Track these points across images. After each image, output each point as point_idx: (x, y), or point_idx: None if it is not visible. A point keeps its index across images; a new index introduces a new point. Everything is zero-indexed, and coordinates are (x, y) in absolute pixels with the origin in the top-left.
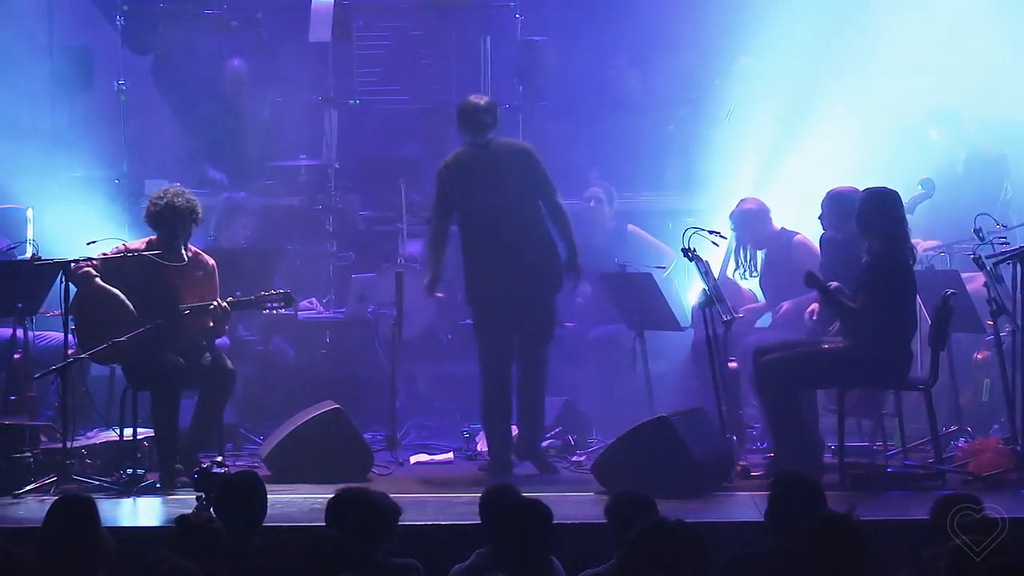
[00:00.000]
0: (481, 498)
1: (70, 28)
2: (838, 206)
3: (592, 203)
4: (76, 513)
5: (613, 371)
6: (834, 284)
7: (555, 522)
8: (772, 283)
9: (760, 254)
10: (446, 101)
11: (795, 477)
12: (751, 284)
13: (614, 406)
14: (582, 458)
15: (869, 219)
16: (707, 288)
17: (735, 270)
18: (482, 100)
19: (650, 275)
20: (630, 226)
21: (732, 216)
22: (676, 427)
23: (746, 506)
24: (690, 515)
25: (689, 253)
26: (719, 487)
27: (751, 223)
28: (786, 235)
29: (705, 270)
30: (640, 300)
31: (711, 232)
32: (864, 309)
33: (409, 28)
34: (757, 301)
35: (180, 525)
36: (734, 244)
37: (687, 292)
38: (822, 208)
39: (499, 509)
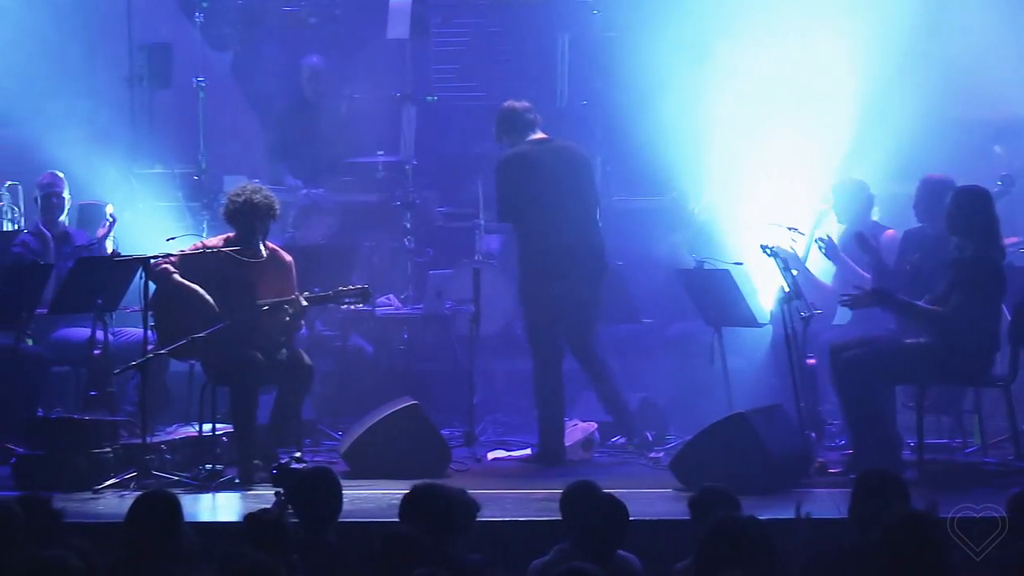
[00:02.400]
0: (562, 494)
1: (149, 25)
2: (935, 196)
3: (674, 197)
4: (160, 510)
5: (691, 368)
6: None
7: (633, 519)
8: (855, 276)
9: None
10: (523, 97)
11: (880, 474)
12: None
13: (692, 403)
14: (660, 455)
15: (961, 219)
16: (786, 284)
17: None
18: (523, 103)
19: (728, 271)
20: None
21: (836, 187)
22: (754, 424)
23: (825, 503)
24: (768, 512)
25: (768, 249)
26: (797, 484)
27: (855, 198)
28: (878, 228)
29: (784, 266)
30: (718, 296)
31: (789, 228)
32: (956, 310)
33: (486, 24)
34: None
35: (248, 523)
36: (812, 237)
37: (765, 288)
38: (916, 196)
39: (580, 505)
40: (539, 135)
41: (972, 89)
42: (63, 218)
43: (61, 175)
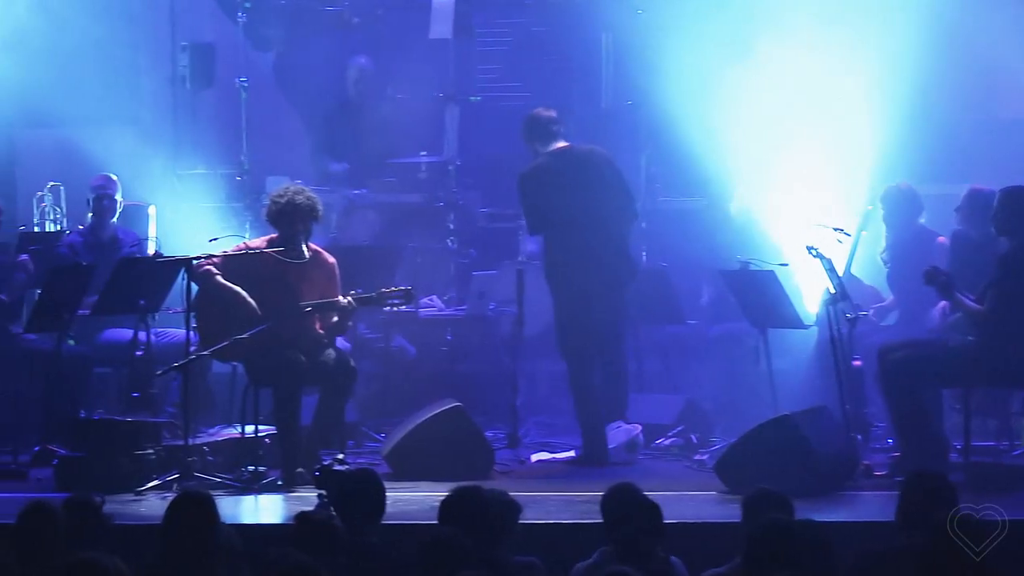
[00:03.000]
0: (603, 496)
1: (192, 26)
2: (979, 203)
3: (719, 200)
4: (196, 510)
5: (736, 369)
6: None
7: (677, 521)
8: (901, 280)
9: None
10: (567, 98)
11: (927, 476)
12: (876, 281)
13: (736, 404)
14: (704, 457)
15: (1008, 218)
16: (831, 286)
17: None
18: (551, 112)
19: (773, 272)
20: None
21: (887, 194)
22: (800, 426)
23: (871, 505)
24: (814, 514)
25: (813, 250)
26: (843, 486)
27: (907, 207)
28: (928, 233)
29: (829, 267)
30: (763, 297)
31: (835, 229)
32: (996, 309)
33: (530, 24)
34: (881, 298)
35: (299, 522)
36: (858, 239)
37: (810, 290)
38: (962, 202)
39: (619, 507)
40: (560, 144)
41: (1014, 89)
42: (113, 220)
43: (114, 177)
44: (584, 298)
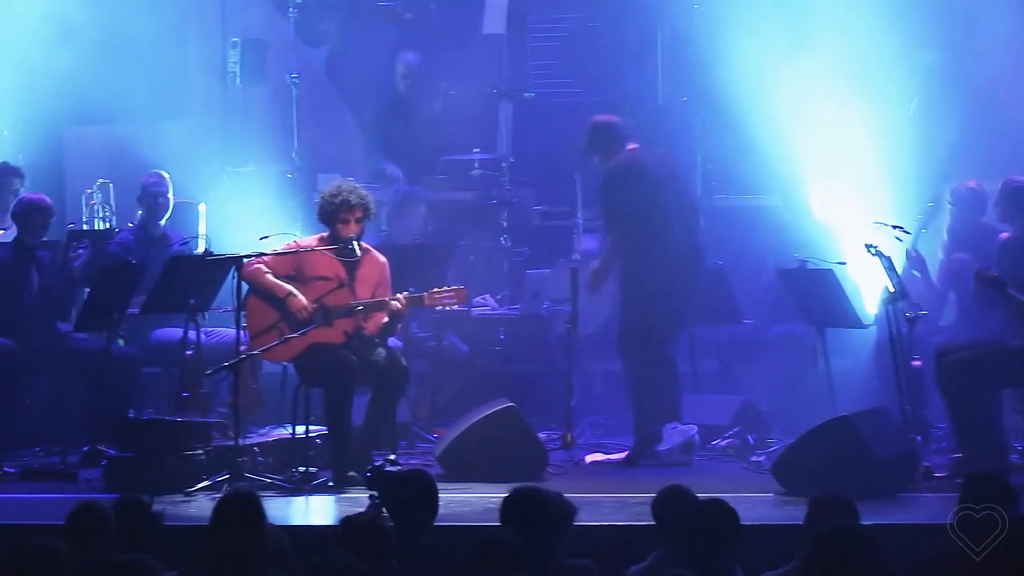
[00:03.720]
0: (654, 499)
1: (243, 22)
2: (1015, 198)
3: (776, 197)
4: (241, 510)
5: (793, 369)
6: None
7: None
8: (962, 277)
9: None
10: (622, 94)
11: (987, 478)
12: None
13: (794, 405)
14: (761, 458)
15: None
16: (891, 284)
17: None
18: (614, 117)
19: (831, 271)
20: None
21: (955, 192)
22: (858, 427)
23: (931, 508)
24: (873, 517)
25: (872, 248)
26: (903, 488)
27: (974, 205)
28: (991, 231)
29: (889, 265)
30: (821, 296)
31: (895, 227)
32: None
33: (585, 19)
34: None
35: (346, 526)
36: (918, 235)
37: (869, 289)
38: (997, 197)
39: (672, 510)
40: (633, 145)
41: None
42: (163, 220)
43: (166, 175)
44: (661, 297)
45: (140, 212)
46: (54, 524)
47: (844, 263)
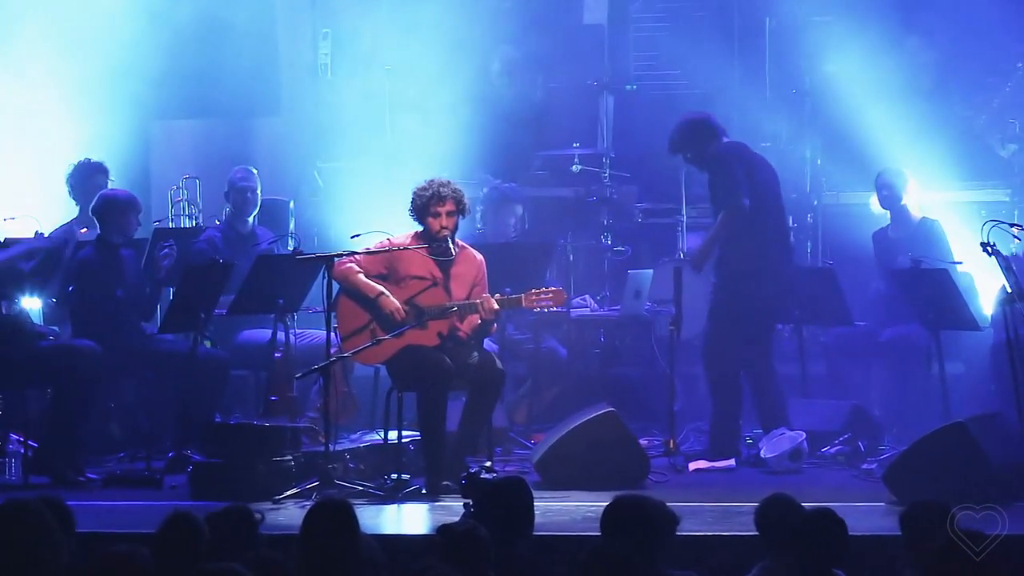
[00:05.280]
0: (758, 508)
1: (334, 10)
2: None
3: (885, 192)
4: (333, 519)
5: (906, 373)
6: None
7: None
8: None
9: None
10: (727, 85)
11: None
12: None
13: (907, 411)
14: (872, 466)
15: None
16: (1008, 285)
17: None
18: (705, 112)
19: (946, 271)
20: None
21: None
22: (974, 433)
23: None
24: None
25: (989, 248)
26: (1021, 497)
27: None
28: None
29: (1006, 266)
30: (935, 298)
31: (1012, 225)
32: None
33: (689, 8)
34: None
35: (443, 535)
36: None
37: (985, 290)
38: None
39: (777, 520)
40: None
41: None
42: (252, 216)
43: (254, 171)
44: (762, 294)
45: (227, 209)
46: (139, 532)
47: (960, 263)
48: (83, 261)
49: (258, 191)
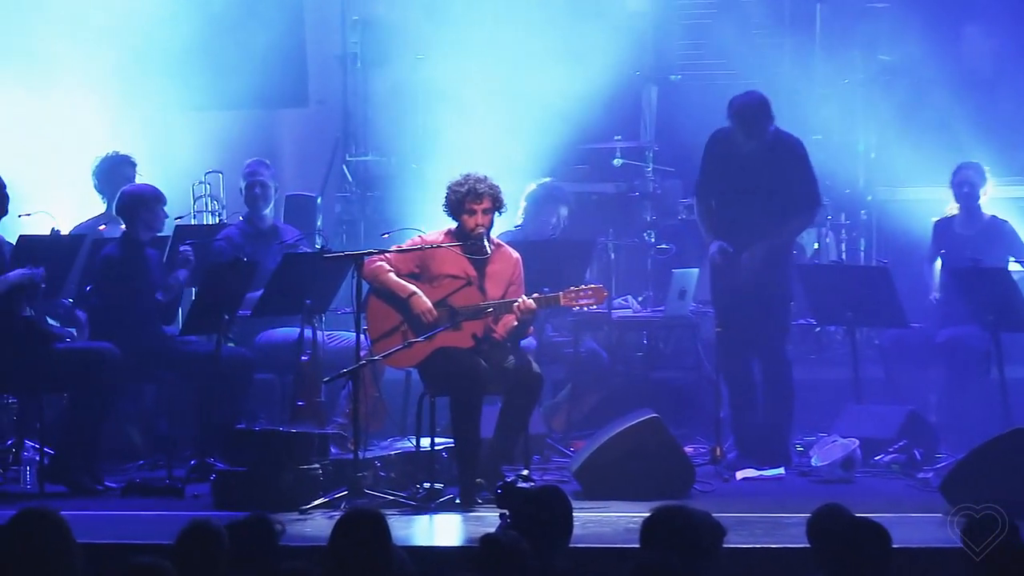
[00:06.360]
0: (809, 519)
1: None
2: None
3: (966, 189)
4: (364, 530)
5: (964, 377)
6: None
7: (899, 546)
8: None
9: None
10: (776, 75)
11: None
12: None
13: (965, 417)
14: (929, 475)
15: None
16: None
17: None
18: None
19: (1006, 270)
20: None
21: None
22: None
23: None
24: None
25: None
26: None
27: None
28: None
29: None
30: (995, 298)
31: None
32: None
33: None
34: None
35: (485, 545)
36: None
37: None
38: None
39: (827, 531)
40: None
41: None
42: (268, 211)
43: (267, 162)
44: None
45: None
46: (159, 543)
47: (1021, 261)
48: (106, 259)
49: (269, 183)
